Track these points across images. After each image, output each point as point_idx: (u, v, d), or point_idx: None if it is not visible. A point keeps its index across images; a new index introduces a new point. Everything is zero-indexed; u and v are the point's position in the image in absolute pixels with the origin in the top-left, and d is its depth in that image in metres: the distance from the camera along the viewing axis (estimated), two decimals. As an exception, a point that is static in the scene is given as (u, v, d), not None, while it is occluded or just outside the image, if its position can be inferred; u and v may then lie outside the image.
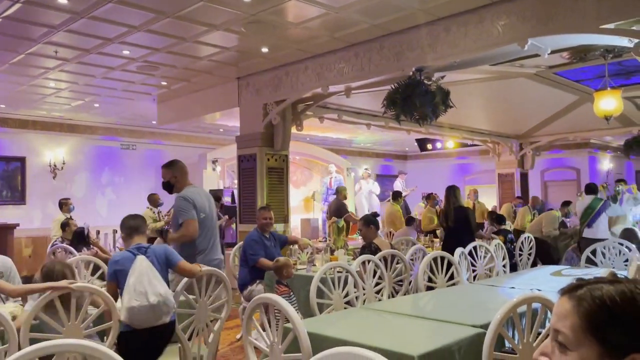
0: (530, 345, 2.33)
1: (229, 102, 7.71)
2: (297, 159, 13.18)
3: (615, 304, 0.89)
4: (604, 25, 4.10)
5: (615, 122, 8.27)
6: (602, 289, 0.91)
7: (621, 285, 0.91)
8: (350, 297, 3.80)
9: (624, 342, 0.86)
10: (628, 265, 5.24)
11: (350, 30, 5.54)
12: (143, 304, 2.88)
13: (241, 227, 7.28)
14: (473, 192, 10.70)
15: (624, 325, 0.87)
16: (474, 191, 10.73)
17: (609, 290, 0.91)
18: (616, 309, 0.88)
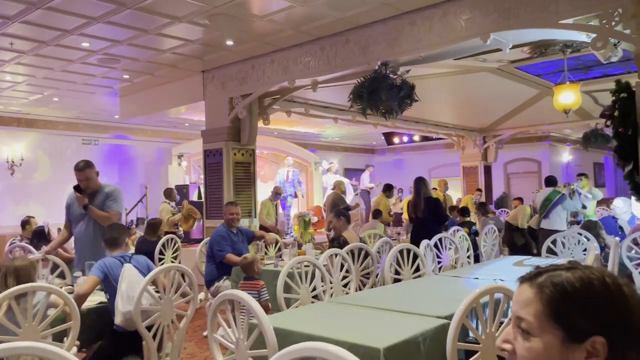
0: (493, 335, 2.38)
1: (194, 95, 7.59)
2: (265, 153, 13.11)
3: (576, 290, 0.91)
4: (563, 21, 4.20)
5: (574, 116, 8.51)
6: (562, 276, 0.93)
7: (578, 271, 0.94)
8: (318, 291, 3.80)
9: (585, 326, 0.89)
10: (586, 254, 5.41)
11: (316, 23, 5.52)
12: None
13: (208, 222, 7.19)
14: (443, 184, 10.77)
15: (585, 309, 0.90)
16: (444, 182, 10.82)
17: (568, 276, 0.93)
18: (576, 295, 0.91)
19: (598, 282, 0.91)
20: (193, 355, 4.73)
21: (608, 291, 0.90)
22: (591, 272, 0.93)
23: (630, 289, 0.92)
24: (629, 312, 0.89)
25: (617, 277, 0.94)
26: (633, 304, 0.90)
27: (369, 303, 3.25)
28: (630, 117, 3.93)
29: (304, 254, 5.02)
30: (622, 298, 0.90)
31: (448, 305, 2.87)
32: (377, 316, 2.96)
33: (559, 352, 0.90)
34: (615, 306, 0.90)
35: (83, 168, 4.26)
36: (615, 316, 0.89)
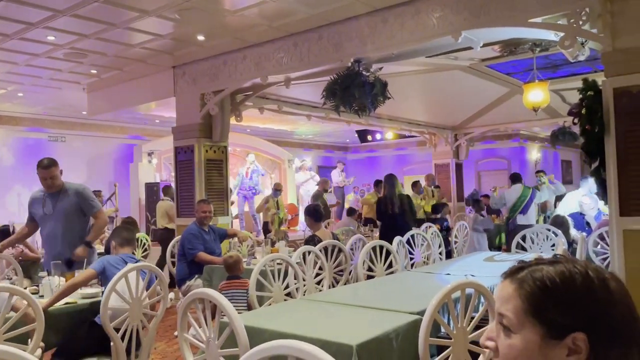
0: (464, 330, 2.40)
1: (165, 91, 7.45)
2: (238, 151, 13.00)
3: (555, 285, 0.89)
4: (532, 19, 4.27)
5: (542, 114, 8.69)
6: (543, 270, 0.92)
7: (560, 265, 0.91)
8: (291, 288, 3.78)
9: (565, 322, 0.87)
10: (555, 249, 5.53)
11: (289, 19, 5.48)
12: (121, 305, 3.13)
13: (179, 221, 7.08)
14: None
15: (564, 305, 0.88)
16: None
17: (549, 271, 0.91)
18: (556, 290, 0.89)
19: (580, 277, 0.89)
20: (164, 355, 4.65)
21: (590, 286, 0.88)
22: (574, 266, 0.90)
23: (617, 283, 0.90)
24: (612, 308, 0.87)
25: (603, 271, 0.91)
26: (618, 298, 0.88)
27: (342, 300, 3.24)
28: (596, 114, 4.01)
29: (277, 251, 4.98)
30: (605, 293, 0.88)
31: (420, 301, 2.88)
32: (350, 313, 2.96)
33: (539, 348, 0.88)
34: (598, 301, 0.87)
35: (48, 166, 4.14)
36: (597, 312, 0.87)
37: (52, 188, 4.16)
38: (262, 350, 1.48)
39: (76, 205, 4.20)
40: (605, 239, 5.16)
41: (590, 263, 0.94)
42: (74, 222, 4.19)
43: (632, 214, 3.89)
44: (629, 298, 0.89)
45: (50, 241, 4.19)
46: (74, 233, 4.15)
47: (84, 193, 4.28)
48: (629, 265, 3.90)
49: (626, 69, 3.89)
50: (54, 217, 4.16)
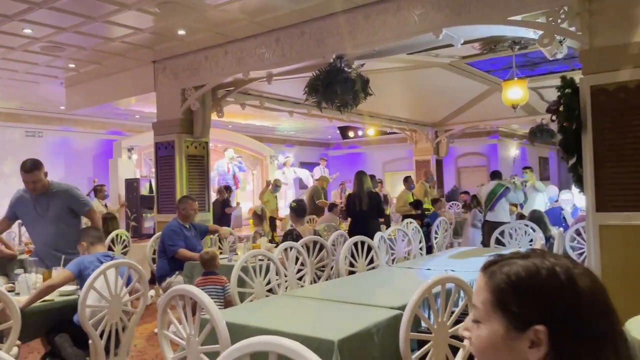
0: (445, 324, 2.42)
1: (145, 86, 7.36)
2: (219, 147, 12.91)
3: (519, 279, 0.91)
4: (512, 17, 4.31)
5: (521, 111, 8.80)
6: (512, 264, 0.94)
7: (530, 259, 0.93)
8: (272, 284, 3.77)
9: (527, 315, 0.89)
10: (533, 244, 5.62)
11: (271, 14, 5.45)
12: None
13: (159, 217, 7.01)
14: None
15: (527, 298, 0.89)
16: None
17: (517, 265, 0.93)
18: (520, 284, 0.91)
19: (546, 271, 0.90)
20: (144, 353, 4.61)
21: (555, 281, 0.89)
22: (542, 261, 0.92)
23: (590, 280, 0.90)
24: (575, 303, 0.88)
25: (576, 267, 0.91)
26: (586, 295, 0.88)
27: (324, 295, 3.25)
28: (574, 112, 4.07)
29: (259, 247, 4.97)
30: (571, 288, 0.88)
31: (401, 296, 2.91)
32: (332, 308, 2.96)
33: (503, 340, 0.91)
34: (561, 296, 0.88)
35: (31, 170, 3.95)
36: (560, 306, 0.88)
37: (37, 191, 4.04)
38: (243, 347, 1.48)
39: (67, 206, 4.12)
40: (582, 234, 5.26)
41: (564, 258, 0.94)
42: (66, 223, 4.10)
43: (608, 209, 3.96)
44: (601, 295, 0.90)
45: (43, 242, 4.08)
46: (68, 234, 4.03)
47: (73, 193, 4.20)
48: (604, 260, 3.98)
49: (603, 67, 3.96)
50: (46, 220, 4.06)
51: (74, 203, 4.17)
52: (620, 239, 3.89)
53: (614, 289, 3.46)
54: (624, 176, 3.90)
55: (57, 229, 4.06)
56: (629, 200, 3.87)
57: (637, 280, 3.80)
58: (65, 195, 4.14)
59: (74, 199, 4.18)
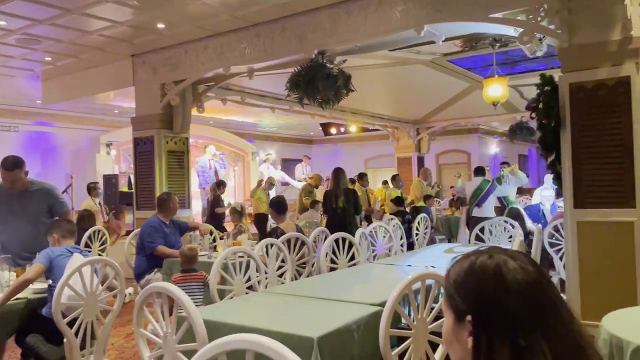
0: (424, 320, 2.42)
1: (123, 81, 7.24)
2: (200, 142, 12.79)
3: (458, 276, 1.00)
4: (493, 15, 4.33)
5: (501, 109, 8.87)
6: (458, 263, 1.02)
7: (475, 256, 1.00)
8: (253, 281, 3.74)
9: (461, 307, 0.97)
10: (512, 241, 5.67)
11: (252, 9, 5.40)
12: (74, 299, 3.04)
13: (138, 213, 6.91)
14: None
15: (461, 292, 0.98)
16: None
17: (460, 263, 1.02)
18: (458, 280, 1.00)
19: (478, 267, 0.98)
20: (122, 351, 4.54)
21: (483, 275, 0.96)
22: (488, 257, 0.98)
23: (524, 274, 0.94)
24: (502, 295, 0.93)
25: (512, 262, 0.96)
26: (515, 288, 0.93)
27: (304, 292, 3.23)
28: (553, 109, 4.11)
29: (239, 244, 4.93)
30: (496, 281, 0.94)
31: (381, 292, 2.90)
32: (312, 305, 2.94)
33: (452, 331, 1.00)
34: (485, 289, 0.95)
35: (12, 168, 3.80)
36: (483, 298, 0.95)
37: (15, 189, 3.90)
38: (220, 345, 1.45)
39: (46, 206, 4.02)
40: (560, 230, 5.32)
41: (505, 255, 0.98)
42: (40, 223, 3.95)
43: (585, 206, 4.01)
44: (534, 289, 0.94)
45: (17, 242, 3.91)
46: (40, 233, 3.90)
47: (54, 192, 4.13)
48: (581, 255, 4.03)
49: (582, 64, 4.00)
50: (22, 218, 3.92)
51: (55, 203, 4.08)
52: (598, 235, 3.95)
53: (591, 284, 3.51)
54: (602, 173, 3.96)
55: (34, 228, 3.93)
56: (607, 196, 3.93)
57: (614, 276, 3.86)
58: (46, 194, 4.04)
59: (55, 199, 4.09)
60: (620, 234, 3.84)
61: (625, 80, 3.84)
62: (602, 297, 3.82)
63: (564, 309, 0.95)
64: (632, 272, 3.78)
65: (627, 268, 3.80)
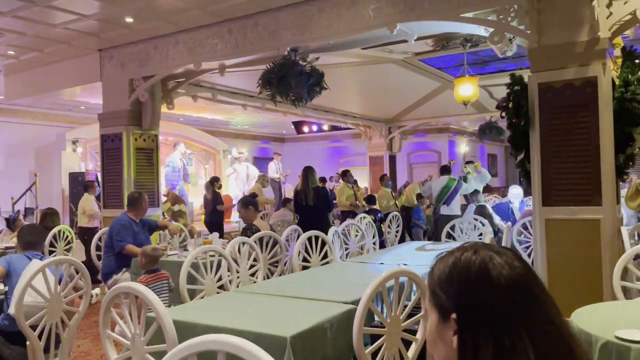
0: (398, 318, 2.41)
1: (90, 76, 7.03)
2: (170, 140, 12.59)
3: (442, 273, 0.97)
4: (464, 14, 4.37)
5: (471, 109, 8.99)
6: (443, 260, 1.00)
7: (460, 252, 0.98)
8: (224, 281, 3.68)
9: (446, 305, 0.95)
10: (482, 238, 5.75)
11: (224, 4, 5.31)
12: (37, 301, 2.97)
13: (105, 212, 6.74)
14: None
15: (446, 290, 0.96)
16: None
17: (445, 260, 0.99)
18: (443, 277, 0.97)
19: (462, 263, 0.95)
20: (88, 354, 4.42)
21: (467, 272, 0.94)
22: (465, 254, 0.96)
23: (509, 270, 0.92)
24: (486, 292, 0.91)
25: (497, 258, 0.94)
26: (497, 284, 0.91)
27: (276, 291, 3.19)
28: (522, 108, 4.17)
29: (210, 243, 4.85)
30: (481, 278, 0.92)
31: (354, 290, 2.88)
32: (284, 304, 2.91)
33: (437, 330, 0.97)
34: (469, 285, 0.93)
35: None
36: (467, 295, 0.93)
37: None
38: (190, 346, 1.40)
39: None
40: (529, 228, 5.42)
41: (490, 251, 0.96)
42: None
43: (553, 204, 4.09)
44: (522, 286, 0.92)
45: None
46: None
47: None
48: (550, 252, 4.11)
49: (551, 64, 4.07)
50: None
51: None
52: (565, 233, 4.02)
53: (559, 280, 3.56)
54: (570, 172, 4.03)
55: None
56: (574, 195, 4.01)
57: (581, 272, 3.95)
58: None
59: None
60: (587, 231, 3.92)
61: (592, 81, 3.92)
62: (570, 293, 3.89)
63: (552, 306, 0.93)
64: (599, 269, 3.86)
65: (594, 264, 3.89)
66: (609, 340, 1.94)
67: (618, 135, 3.95)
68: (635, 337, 1.91)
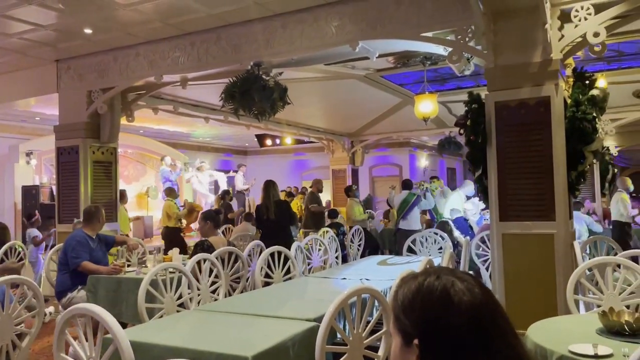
0: (360, 336, 2.42)
1: (46, 87, 6.83)
2: (130, 152, 12.32)
3: (406, 298, 1.00)
4: (424, 34, 4.48)
5: (431, 124, 9.18)
6: (407, 284, 1.02)
7: (423, 277, 1.00)
8: (184, 298, 3.61)
9: (410, 330, 0.97)
10: (442, 252, 5.84)
11: (186, 17, 5.27)
12: None
13: (60, 227, 6.52)
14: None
15: (408, 315, 0.98)
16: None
17: (410, 284, 1.01)
18: (406, 302, 0.99)
19: (425, 289, 0.98)
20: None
21: (430, 297, 0.96)
22: (428, 279, 0.99)
23: (471, 297, 0.94)
24: (448, 317, 0.93)
25: (459, 283, 0.96)
26: (458, 310, 0.93)
27: (238, 309, 3.15)
28: (480, 126, 4.30)
29: (170, 259, 4.76)
30: (443, 303, 0.95)
31: (317, 307, 2.88)
32: (246, 322, 2.88)
33: (400, 353, 0.99)
34: (431, 311, 0.95)
35: None
36: (429, 320, 0.95)
37: None
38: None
39: None
40: (487, 242, 5.55)
41: (453, 276, 0.98)
42: None
43: (509, 219, 4.21)
44: (484, 311, 0.94)
45: None
46: None
47: None
48: (506, 265, 4.22)
49: (506, 84, 4.22)
50: None
51: None
52: (521, 247, 4.15)
53: (516, 294, 3.66)
54: (525, 187, 4.17)
55: None
56: (529, 210, 4.14)
57: (537, 286, 4.07)
58: None
59: None
60: (542, 245, 4.06)
61: (545, 100, 4.08)
62: (526, 306, 4.00)
63: (510, 331, 0.95)
64: (553, 282, 3.99)
65: (549, 278, 4.01)
66: (563, 355, 2.01)
67: (570, 153, 4.12)
68: (588, 351, 1.98)
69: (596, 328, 2.29)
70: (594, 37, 3.91)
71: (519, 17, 4.16)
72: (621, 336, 2.18)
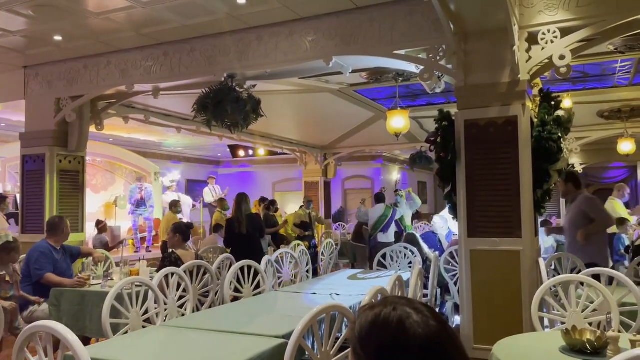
0: (328, 354, 2.41)
1: (13, 93, 6.66)
2: (98, 161, 12.10)
3: (362, 329, 1.01)
4: (397, 51, 4.55)
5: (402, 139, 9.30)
6: (367, 313, 1.03)
7: (380, 308, 1.02)
8: (150, 314, 3.54)
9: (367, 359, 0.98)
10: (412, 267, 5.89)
11: (159, 27, 5.23)
12: None
13: (24, 237, 6.32)
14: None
15: (366, 348, 0.99)
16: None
17: (367, 315, 1.02)
18: (362, 333, 1.00)
19: (381, 321, 0.99)
20: (-3, 394, 4.08)
21: (386, 329, 0.98)
22: (383, 309, 1.00)
23: (426, 329, 0.96)
24: (400, 350, 0.95)
25: (414, 315, 0.98)
26: (413, 342, 0.95)
27: (205, 325, 3.11)
28: (450, 143, 4.37)
29: (137, 273, 4.66)
30: (396, 336, 0.96)
31: (286, 323, 2.86)
32: (213, 339, 2.84)
33: None
34: (388, 343, 0.96)
35: None
36: (386, 352, 0.96)
37: None
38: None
39: None
40: (456, 257, 5.62)
41: (409, 307, 1.00)
42: None
43: (477, 235, 4.28)
44: (434, 345, 0.96)
45: None
46: None
47: None
48: (474, 280, 4.28)
49: (475, 103, 4.31)
50: None
51: None
52: (489, 263, 4.21)
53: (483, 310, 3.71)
54: (492, 204, 4.25)
55: None
56: (497, 226, 4.22)
57: (503, 302, 4.13)
58: None
59: None
60: (509, 262, 4.13)
61: (513, 120, 4.18)
62: (493, 322, 4.06)
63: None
64: (519, 299, 4.06)
65: (515, 295, 4.08)
66: (526, 373, 2.04)
67: (536, 172, 4.22)
68: (550, 369, 2.02)
69: (559, 346, 2.34)
70: (560, 60, 4.04)
71: (488, 38, 4.27)
72: (583, 354, 2.23)
